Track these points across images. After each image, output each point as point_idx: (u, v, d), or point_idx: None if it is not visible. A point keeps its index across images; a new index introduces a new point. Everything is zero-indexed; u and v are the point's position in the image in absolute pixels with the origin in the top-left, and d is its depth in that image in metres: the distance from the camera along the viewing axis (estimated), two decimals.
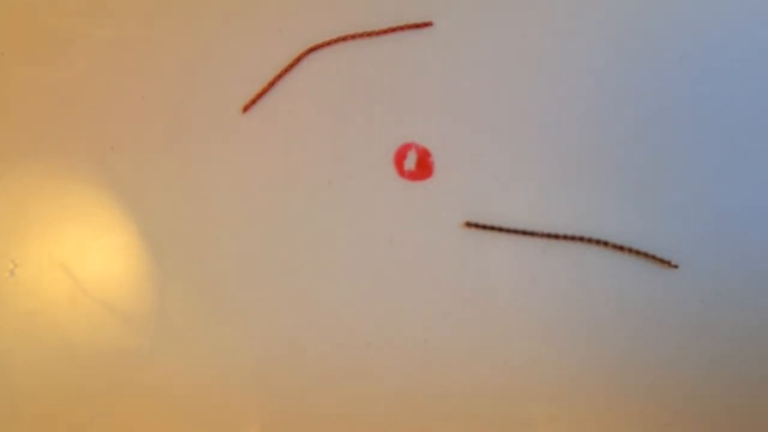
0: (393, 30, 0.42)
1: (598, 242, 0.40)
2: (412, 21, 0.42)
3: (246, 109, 0.42)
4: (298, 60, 0.42)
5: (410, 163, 0.41)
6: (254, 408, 0.40)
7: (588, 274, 0.40)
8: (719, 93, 0.41)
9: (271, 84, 0.42)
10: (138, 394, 0.40)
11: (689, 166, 0.41)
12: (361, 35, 0.42)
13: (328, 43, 0.42)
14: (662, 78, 0.41)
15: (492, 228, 0.40)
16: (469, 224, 0.40)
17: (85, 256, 0.41)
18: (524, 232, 0.40)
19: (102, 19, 0.43)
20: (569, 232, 0.40)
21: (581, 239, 0.40)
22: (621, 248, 0.40)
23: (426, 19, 0.42)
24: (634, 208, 0.40)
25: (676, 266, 0.40)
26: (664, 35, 0.42)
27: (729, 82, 0.41)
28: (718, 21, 0.42)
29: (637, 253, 0.40)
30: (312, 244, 0.41)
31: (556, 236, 0.40)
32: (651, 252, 0.40)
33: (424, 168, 0.41)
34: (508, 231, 0.40)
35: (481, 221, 0.40)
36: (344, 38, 0.42)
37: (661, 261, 0.40)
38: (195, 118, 0.42)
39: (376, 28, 0.42)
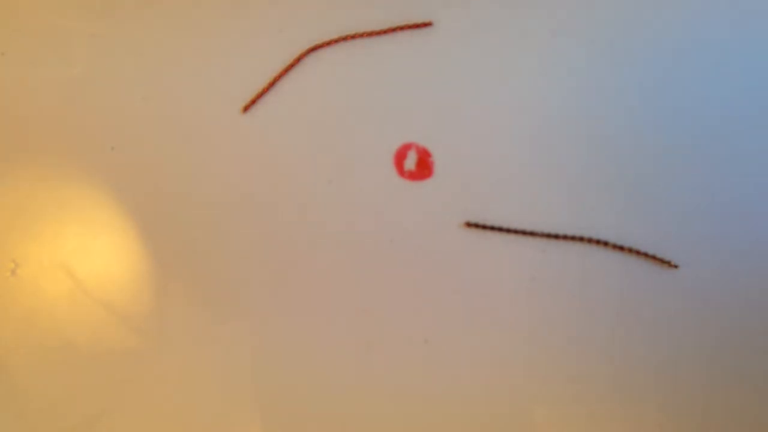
0: (393, 30, 0.42)
1: (598, 242, 0.40)
2: (412, 21, 0.42)
3: (246, 109, 0.42)
4: (298, 60, 0.42)
5: (410, 163, 0.41)
6: (254, 408, 0.40)
7: (588, 274, 0.40)
8: (719, 93, 0.41)
9: (271, 84, 0.42)
10: (138, 394, 0.40)
11: (689, 166, 0.41)
12: (361, 35, 0.42)
13: (328, 43, 0.42)
14: (662, 78, 0.41)
15: (492, 228, 0.40)
16: (469, 224, 0.40)
17: (86, 256, 0.41)
18: (524, 232, 0.40)
19: (102, 19, 0.43)
20: (569, 232, 0.40)
21: (581, 239, 0.40)
22: (621, 248, 0.40)
23: (426, 19, 0.42)
24: (634, 208, 0.40)
25: (676, 266, 0.40)
26: (663, 35, 0.42)
27: (729, 82, 0.41)
28: (718, 21, 0.42)
29: (637, 253, 0.40)
30: (312, 243, 0.41)
31: (556, 236, 0.40)
32: (651, 252, 0.40)
33: (424, 168, 0.41)
34: (508, 231, 0.40)
35: (481, 221, 0.40)
36: (344, 38, 0.42)
37: (661, 261, 0.40)
38: (195, 118, 0.42)
39: (376, 28, 0.42)
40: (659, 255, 0.40)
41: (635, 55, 0.42)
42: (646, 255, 0.40)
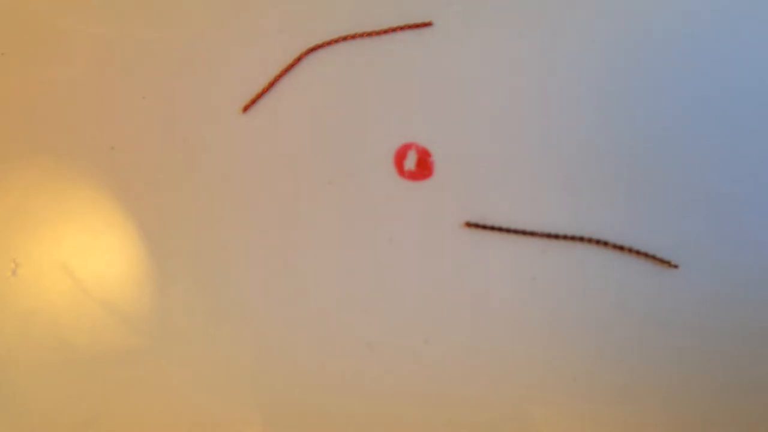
0: (393, 30, 0.42)
1: (598, 242, 0.40)
2: (412, 21, 0.42)
3: (246, 109, 0.42)
4: (298, 60, 0.42)
5: (410, 163, 0.41)
6: (254, 408, 0.40)
7: (588, 274, 0.40)
8: (719, 92, 0.41)
9: (271, 84, 0.42)
10: (138, 394, 0.40)
11: (689, 166, 0.41)
12: (361, 35, 0.42)
13: (328, 43, 0.42)
14: (662, 78, 0.41)
15: (492, 228, 0.40)
16: (469, 224, 0.40)
17: (86, 256, 0.41)
18: (524, 232, 0.40)
19: (102, 19, 0.43)
20: (569, 232, 0.40)
21: (581, 239, 0.40)
22: (621, 248, 0.40)
23: (426, 19, 0.42)
24: (634, 208, 0.40)
25: (676, 266, 0.40)
26: (663, 35, 0.42)
27: (729, 82, 0.41)
28: (718, 21, 0.42)
29: (637, 253, 0.40)
30: (312, 243, 0.41)
31: (556, 236, 0.40)
32: (651, 252, 0.40)
33: (424, 168, 0.41)
34: (508, 231, 0.40)
35: (481, 221, 0.40)
36: (344, 38, 0.42)
37: (661, 261, 0.40)
38: (195, 118, 0.42)
39: (376, 28, 0.42)
40: (659, 255, 0.40)
41: (636, 55, 0.42)
42: (646, 255, 0.40)
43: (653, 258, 0.40)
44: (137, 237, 0.41)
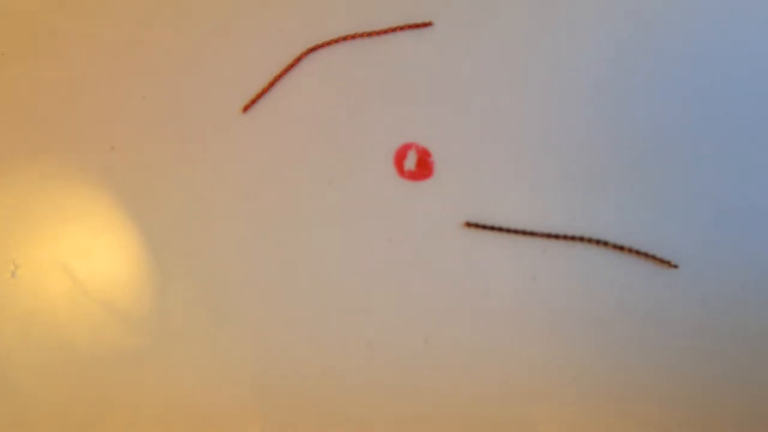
0: (393, 30, 0.42)
1: (598, 242, 0.40)
2: (412, 21, 0.42)
3: (246, 109, 0.42)
4: (298, 60, 0.42)
5: (410, 163, 0.41)
6: (254, 408, 0.40)
7: (588, 274, 0.40)
8: (720, 93, 0.41)
9: (271, 84, 0.42)
10: (138, 394, 0.40)
11: (689, 166, 0.41)
12: (361, 35, 0.42)
13: (328, 43, 0.42)
14: (662, 78, 0.41)
15: (492, 228, 0.40)
16: (469, 224, 0.40)
17: (86, 256, 0.41)
18: (524, 232, 0.40)
19: (102, 19, 0.43)
20: (569, 232, 0.40)
21: (581, 239, 0.40)
22: (621, 248, 0.40)
23: (426, 19, 0.42)
24: (634, 208, 0.40)
25: (676, 266, 0.40)
26: (664, 35, 0.42)
27: (729, 82, 0.41)
28: (719, 21, 0.42)
29: (637, 253, 0.40)
30: (312, 244, 0.41)
31: (556, 236, 0.40)
32: (651, 252, 0.40)
33: (424, 168, 0.41)
34: (508, 231, 0.40)
35: (481, 221, 0.40)
36: (344, 38, 0.42)
37: (661, 261, 0.40)
38: (195, 118, 0.42)
39: (376, 28, 0.42)
40: (659, 255, 0.40)
41: (635, 54, 0.42)
42: (646, 255, 0.40)
43: (653, 258, 0.40)
44: (137, 237, 0.41)
